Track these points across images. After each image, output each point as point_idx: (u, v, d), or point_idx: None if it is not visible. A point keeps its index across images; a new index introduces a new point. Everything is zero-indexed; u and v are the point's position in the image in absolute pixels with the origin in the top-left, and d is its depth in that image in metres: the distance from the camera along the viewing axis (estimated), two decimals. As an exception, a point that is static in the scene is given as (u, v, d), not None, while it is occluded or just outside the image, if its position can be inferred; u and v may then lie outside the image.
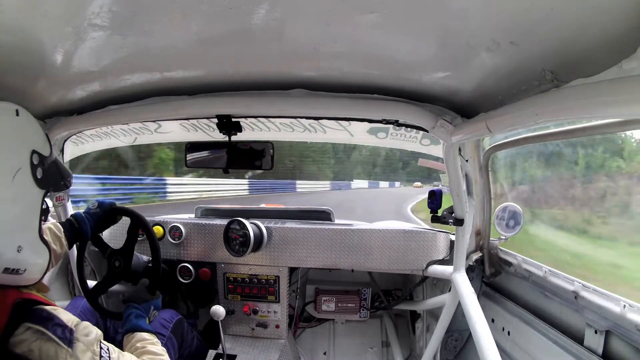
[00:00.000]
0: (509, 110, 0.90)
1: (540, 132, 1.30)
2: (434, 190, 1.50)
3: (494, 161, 1.62)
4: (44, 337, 0.76)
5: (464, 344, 1.87)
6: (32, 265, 0.84)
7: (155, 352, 1.10)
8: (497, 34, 0.72)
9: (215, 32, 0.81)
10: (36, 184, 0.84)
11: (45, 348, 0.76)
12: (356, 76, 1.09)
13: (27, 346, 0.75)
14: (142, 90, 1.24)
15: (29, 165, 0.82)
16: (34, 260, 0.85)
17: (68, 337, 0.79)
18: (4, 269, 0.78)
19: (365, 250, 1.81)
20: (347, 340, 2.23)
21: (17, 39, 0.81)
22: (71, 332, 0.80)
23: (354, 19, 0.72)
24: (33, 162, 0.83)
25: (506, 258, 1.57)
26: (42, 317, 0.79)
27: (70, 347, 0.78)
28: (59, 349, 0.77)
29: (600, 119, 1.01)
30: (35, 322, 0.77)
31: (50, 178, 0.88)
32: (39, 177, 0.85)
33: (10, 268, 0.79)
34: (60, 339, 0.77)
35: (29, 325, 0.76)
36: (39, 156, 0.85)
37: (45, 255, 0.88)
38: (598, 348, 1.11)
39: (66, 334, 0.79)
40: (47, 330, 0.77)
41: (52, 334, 0.77)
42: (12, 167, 0.79)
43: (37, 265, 0.86)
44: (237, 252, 1.78)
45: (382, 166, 27.10)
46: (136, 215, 1.53)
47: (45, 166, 0.86)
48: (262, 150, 1.43)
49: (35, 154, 0.84)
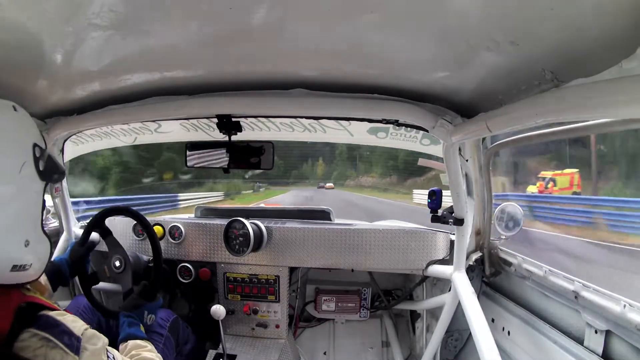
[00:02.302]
0: (509, 110, 0.90)
1: (541, 131, 1.30)
2: (434, 189, 1.50)
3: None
4: (50, 344, 0.75)
5: (464, 344, 1.87)
6: (37, 259, 0.84)
7: (149, 359, 1.09)
8: (497, 33, 0.72)
9: (215, 32, 0.81)
10: (39, 177, 0.85)
11: (51, 355, 0.75)
12: (356, 76, 1.09)
13: (32, 352, 0.74)
14: (142, 90, 1.24)
15: (32, 158, 0.83)
16: (38, 254, 0.85)
17: (75, 345, 0.78)
18: (12, 266, 0.78)
19: (365, 250, 1.81)
20: (347, 340, 2.22)
21: (17, 39, 0.81)
22: (78, 339, 0.80)
23: (354, 18, 0.72)
24: (35, 154, 0.84)
25: (506, 258, 1.56)
26: (49, 324, 0.78)
27: (77, 355, 0.78)
28: (66, 356, 0.76)
29: (600, 118, 1.01)
30: (42, 329, 0.76)
31: (49, 170, 0.89)
32: (41, 169, 0.86)
33: (18, 265, 0.79)
34: (68, 347, 0.77)
35: (35, 331, 0.75)
36: (40, 149, 0.86)
37: (47, 247, 0.89)
38: (598, 348, 1.11)
39: (73, 342, 0.78)
40: (53, 338, 0.76)
41: (59, 341, 0.76)
42: (19, 161, 0.80)
43: (41, 258, 0.87)
44: (237, 252, 1.78)
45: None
46: (136, 214, 1.53)
47: (44, 158, 0.87)
48: (262, 150, 1.43)
49: (36, 147, 0.85)
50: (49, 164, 0.89)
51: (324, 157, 24.93)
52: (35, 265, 0.84)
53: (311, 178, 24.83)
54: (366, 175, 24.48)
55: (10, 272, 0.78)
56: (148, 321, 1.33)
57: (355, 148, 19.47)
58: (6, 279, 0.78)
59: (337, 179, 24.85)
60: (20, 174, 0.79)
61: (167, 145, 2.14)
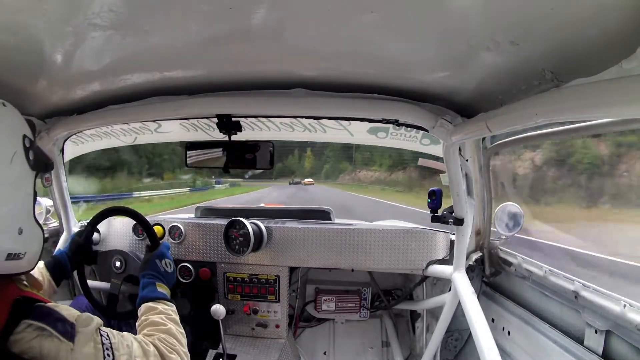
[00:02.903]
0: (509, 110, 0.90)
1: (541, 131, 1.30)
2: (434, 189, 1.50)
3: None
4: (44, 334, 0.76)
5: (464, 344, 1.87)
6: (30, 247, 0.86)
7: (156, 322, 1.08)
8: (497, 33, 0.72)
9: (215, 32, 0.81)
10: (29, 167, 0.88)
11: (46, 345, 0.75)
12: (356, 76, 1.09)
13: (27, 343, 0.75)
14: (142, 90, 1.24)
15: (22, 148, 0.86)
16: (32, 242, 0.87)
17: (69, 332, 0.79)
18: (7, 254, 0.79)
19: (365, 250, 1.81)
20: (347, 340, 2.23)
21: (17, 39, 0.81)
22: (72, 326, 0.80)
23: (354, 18, 0.72)
24: (25, 145, 0.86)
25: (506, 258, 1.56)
26: (43, 314, 0.78)
27: (71, 341, 0.78)
28: (60, 344, 0.76)
29: (600, 118, 1.01)
30: (36, 319, 0.77)
31: (39, 160, 0.91)
32: (31, 159, 0.88)
33: (13, 253, 0.80)
34: (62, 334, 0.77)
35: (30, 322, 0.76)
36: (29, 140, 0.88)
37: (40, 236, 0.90)
38: (598, 348, 1.11)
39: (67, 328, 0.79)
40: (47, 326, 0.76)
41: (53, 329, 0.76)
42: (9, 151, 0.82)
43: (35, 247, 0.88)
44: (237, 251, 1.78)
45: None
46: (136, 214, 1.53)
47: (34, 149, 0.90)
48: (262, 149, 1.42)
49: (26, 138, 0.87)
50: (37, 154, 0.91)
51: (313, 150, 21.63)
52: (29, 254, 0.85)
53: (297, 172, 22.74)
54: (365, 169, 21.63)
55: (6, 260, 0.79)
56: (167, 268, 1.31)
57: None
58: (1, 268, 0.79)
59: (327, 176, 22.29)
60: (11, 164, 0.82)
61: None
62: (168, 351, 1.00)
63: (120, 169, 14.95)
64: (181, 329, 1.12)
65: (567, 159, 9.41)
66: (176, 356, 1.00)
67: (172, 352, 1.00)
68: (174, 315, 1.15)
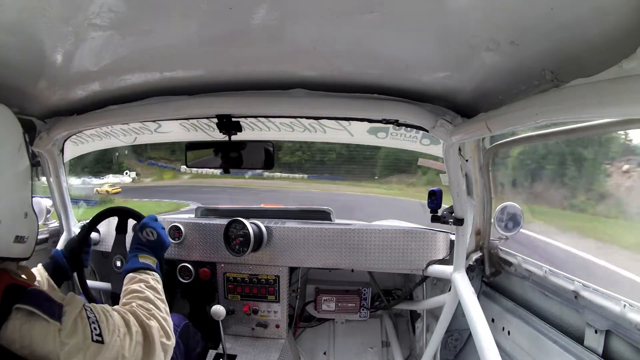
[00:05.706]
0: (509, 110, 0.90)
1: (541, 131, 1.30)
2: (434, 189, 1.50)
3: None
4: (33, 317, 0.76)
5: (464, 344, 1.87)
6: (32, 232, 0.92)
7: (134, 290, 1.10)
8: (497, 33, 0.72)
9: (215, 32, 0.81)
10: (29, 159, 0.94)
11: (36, 330, 0.76)
12: (356, 76, 1.09)
13: (18, 331, 0.75)
14: (142, 90, 1.24)
15: (24, 142, 0.92)
16: (33, 227, 0.93)
17: (57, 313, 0.80)
18: (15, 236, 0.85)
19: (365, 250, 1.81)
20: (347, 340, 2.23)
21: (17, 39, 0.81)
22: (60, 306, 0.82)
23: (354, 18, 0.72)
24: (25, 139, 0.93)
25: (506, 258, 1.56)
26: (33, 296, 0.80)
27: (59, 321, 0.79)
28: (48, 326, 0.77)
29: (600, 118, 1.01)
30: (26, 303, 0.78)
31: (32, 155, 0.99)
32: (29, 152, 0.95)
33: (20, 236, 0.86)
34: (50, 315, 0.78)
35: (20, 306, 0.77)
36: (27, 136, 0.94)
37: (36, 223, 0.95)
38: (598, 348, 1.11)
39: (54, 309, 0.80)
40: (36, 309, 0.77)
41: (41, 312, 0.77)
42: (17, 142, 0.90)
43: (34, 232, 0.94)
44: (237, 252, 1.78)
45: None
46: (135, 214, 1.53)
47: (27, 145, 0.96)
48: (262, 149, 1.42)
49: (24, 134, 0.93)
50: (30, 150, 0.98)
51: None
52: (30, 240, 0.91)
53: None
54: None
55: (14, 243, 0.84)
56: (150, 237, 1.30)
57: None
58: (8, 250, 0.84)
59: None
60: (19, 153, 0.90)
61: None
62: (146, 317, 1.01)
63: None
64: (161, 295, 1.13)
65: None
66: (155, 322, 1.01)
67: (150, 317, 1.02)
68: (152, 283, 1.15)
